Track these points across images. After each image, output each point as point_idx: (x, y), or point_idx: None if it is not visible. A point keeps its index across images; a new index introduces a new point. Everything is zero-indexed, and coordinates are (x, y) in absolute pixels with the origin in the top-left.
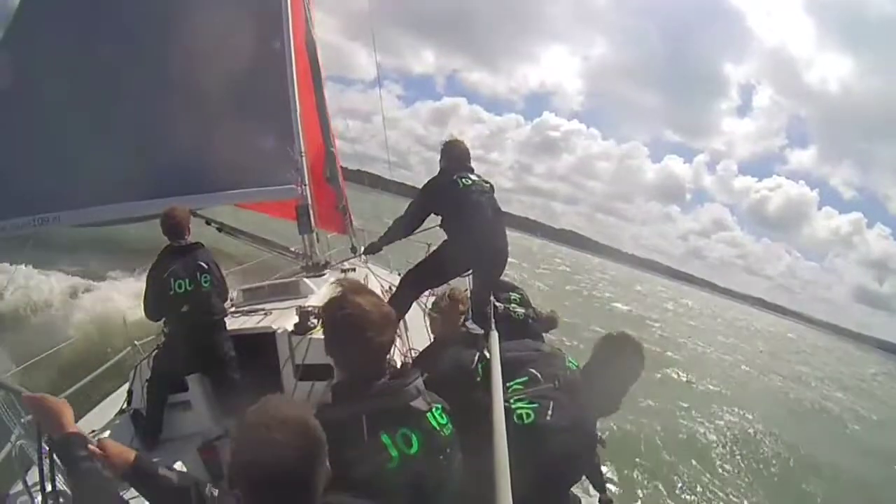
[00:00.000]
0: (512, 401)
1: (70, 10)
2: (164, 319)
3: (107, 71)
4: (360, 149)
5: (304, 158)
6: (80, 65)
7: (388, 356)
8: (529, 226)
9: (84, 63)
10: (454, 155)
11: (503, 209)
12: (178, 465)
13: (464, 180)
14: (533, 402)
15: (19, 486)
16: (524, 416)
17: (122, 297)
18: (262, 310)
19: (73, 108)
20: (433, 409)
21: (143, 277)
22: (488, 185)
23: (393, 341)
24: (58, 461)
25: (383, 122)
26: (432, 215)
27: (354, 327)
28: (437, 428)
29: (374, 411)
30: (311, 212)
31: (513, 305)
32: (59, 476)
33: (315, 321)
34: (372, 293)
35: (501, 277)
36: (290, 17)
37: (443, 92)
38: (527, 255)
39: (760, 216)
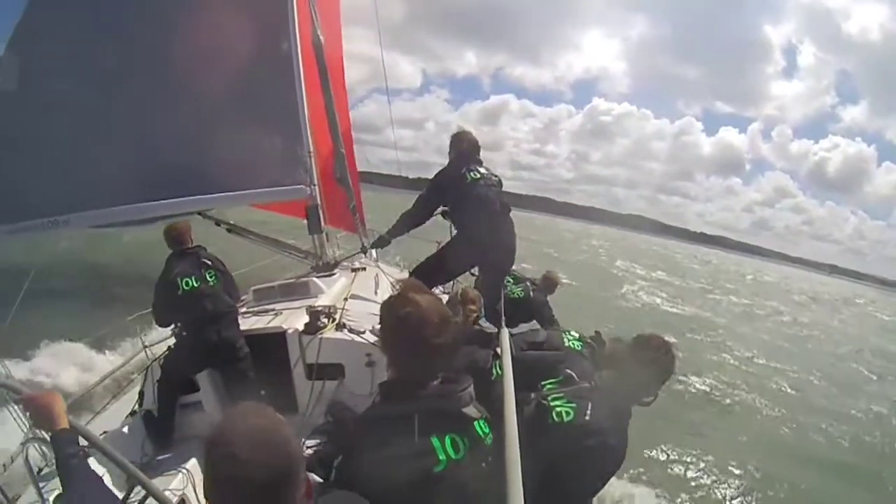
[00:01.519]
0: (550, 398)
1: (75, 11)
2: (174, 323)
3: (114, 73)
4: (417, 156)
5: (312, 159)
6: (88, 67)
7: (442, 359)
8: (596, 215)
9: (92, 65)
10: (462, 147)
11: (565, 201)
12: (191, 465)
13: (472, 174)
14: (571, 402)
15: (32, 492)
16: (563, 414)
17: None
18: (273, 310)
19: (81, 110)
20: (481, 419)
21: None
22: (496, 178)
23: (449, 344)
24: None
25: (391, 126)
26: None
27: (413, 327)
28: (482, 437)
29: (427, 412)
30: (320, 212)
31: (510, 287)
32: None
33: (325, 321)
34: (433, 294)
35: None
36: (296, 17)
37: (489, 91)
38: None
39: (821, 179)
